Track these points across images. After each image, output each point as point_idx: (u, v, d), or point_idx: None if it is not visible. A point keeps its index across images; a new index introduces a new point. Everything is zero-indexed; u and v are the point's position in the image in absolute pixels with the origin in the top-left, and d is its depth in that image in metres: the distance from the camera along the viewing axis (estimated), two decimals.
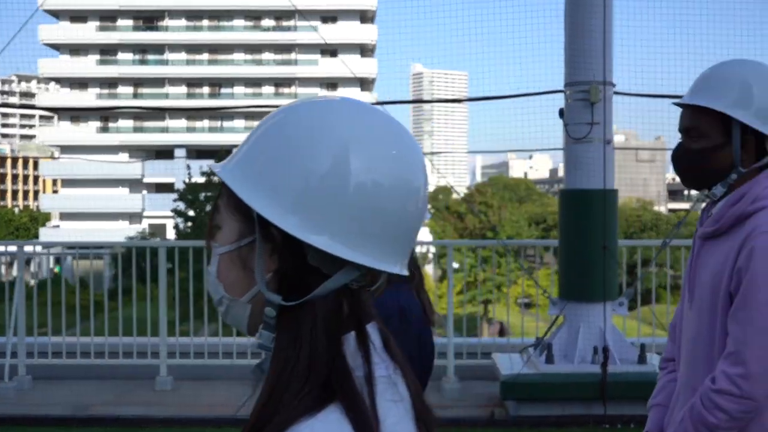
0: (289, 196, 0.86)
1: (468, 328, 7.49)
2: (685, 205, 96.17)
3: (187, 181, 32.45)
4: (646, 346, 5.79)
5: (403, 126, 0.97)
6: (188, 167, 32.84)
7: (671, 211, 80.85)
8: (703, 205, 2.02)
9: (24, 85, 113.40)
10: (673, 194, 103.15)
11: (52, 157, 60.83)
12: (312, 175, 0.86)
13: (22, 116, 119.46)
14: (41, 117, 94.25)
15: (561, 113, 5.97)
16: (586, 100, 5.82)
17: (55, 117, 57.74)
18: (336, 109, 0.93)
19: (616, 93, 6.02)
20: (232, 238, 0.93)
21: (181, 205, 31.82)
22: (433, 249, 8.59)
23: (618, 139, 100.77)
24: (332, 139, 0.88)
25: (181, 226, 32.35)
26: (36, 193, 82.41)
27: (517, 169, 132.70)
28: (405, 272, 0.93)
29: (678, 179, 2.05)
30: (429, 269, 19.59)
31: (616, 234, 5.98)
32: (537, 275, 19.67)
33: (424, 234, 41.85)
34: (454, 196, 45.05)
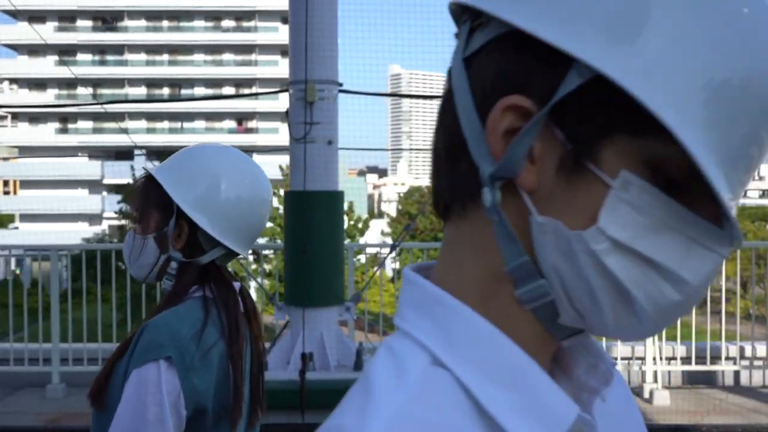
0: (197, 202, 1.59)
1: None
2: None
3: (132, 182, 32.21)
4: (364, 351, 5.65)
5: (254, 162, 1.71)
6: (132, 168, 32.63)
7: None
8: None
9: None
10: None
11: (16, 157, 60.36)
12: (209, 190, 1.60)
13: None
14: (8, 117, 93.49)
15: (287, 113, 5.82)
16: (304, 99, 5.67)
17: (9, 117, 57.29)
18: (226, 153, 1.67)
19: (342, 92, 5.86)
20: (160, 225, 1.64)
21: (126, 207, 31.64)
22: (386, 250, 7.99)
23: None
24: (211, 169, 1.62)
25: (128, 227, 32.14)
26: None
27: None
28: (247, 256, 1.60)
29: None
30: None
31: (341, 237, 5.83)
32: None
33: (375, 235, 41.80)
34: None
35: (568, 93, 0.53)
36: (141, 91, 54.78)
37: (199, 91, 54.89)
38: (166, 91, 55.21)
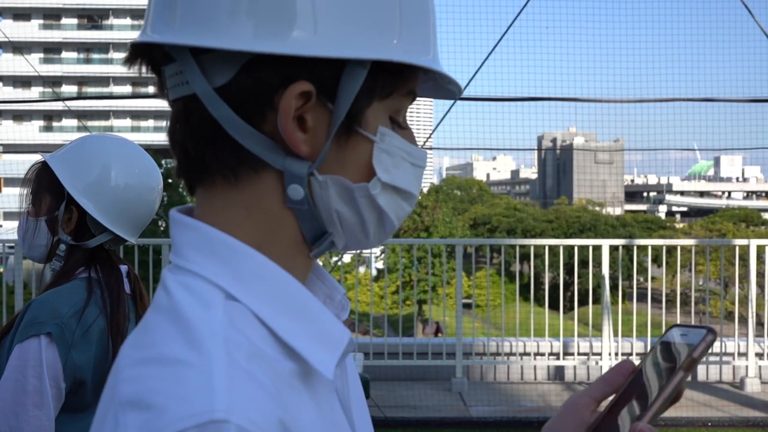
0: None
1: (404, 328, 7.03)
2: (642, 207, 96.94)
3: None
4: None
5: (145, 153, 1.77)
6: None
7: (628, 212, 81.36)
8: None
9: None
10: (631, 196, 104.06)
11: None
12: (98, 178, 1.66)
13: None
14: None
15: None
16: None
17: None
18: (118, 143, 1.76)
19: None
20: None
21: None
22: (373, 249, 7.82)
23: (577, 141, 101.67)
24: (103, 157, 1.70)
25: None
26: None
27: (481, 170, 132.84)
28: (134, 242, 1.71)
29: (637, 180, 1.65)
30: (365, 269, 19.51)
31: None
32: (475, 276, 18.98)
33: None
34: None
35: (341, 81, 0.65)
36: (126, 89, 54.68)
37: None
38: (151, 89, 55.02)
